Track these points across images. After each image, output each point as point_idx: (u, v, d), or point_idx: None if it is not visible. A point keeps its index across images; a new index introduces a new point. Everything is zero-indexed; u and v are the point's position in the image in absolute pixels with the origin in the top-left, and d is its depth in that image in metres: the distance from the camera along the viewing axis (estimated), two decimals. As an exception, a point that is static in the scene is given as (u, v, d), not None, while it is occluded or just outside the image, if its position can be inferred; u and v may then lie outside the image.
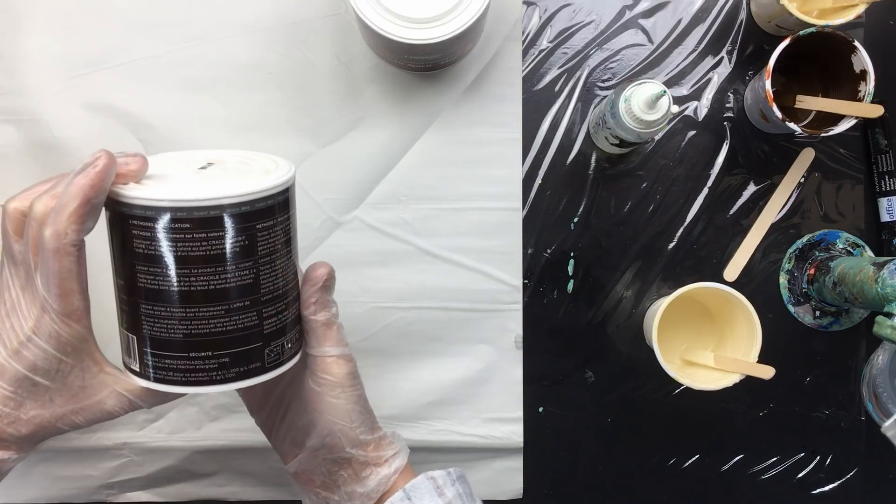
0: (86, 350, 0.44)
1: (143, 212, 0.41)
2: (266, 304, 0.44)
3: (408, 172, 0.67)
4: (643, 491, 0.70)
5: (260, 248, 0.43)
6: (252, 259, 0.43)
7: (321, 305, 0.48)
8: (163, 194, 0.41)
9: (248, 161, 0.47)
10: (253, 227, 0.42)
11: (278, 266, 0.45)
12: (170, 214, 0.41)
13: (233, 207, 0.41)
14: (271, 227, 0.43)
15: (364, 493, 0.52)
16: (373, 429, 0.52)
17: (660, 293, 0.70)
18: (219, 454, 0.68)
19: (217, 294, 0.42)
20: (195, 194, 0.41)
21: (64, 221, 0.40)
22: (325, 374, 0.50)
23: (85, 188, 0.40)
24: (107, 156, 0.41)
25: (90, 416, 0.46)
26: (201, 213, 0.41)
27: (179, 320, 0.42)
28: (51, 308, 0.42)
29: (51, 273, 0.41)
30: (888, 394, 0.60)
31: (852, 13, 0.62)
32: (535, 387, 0.69)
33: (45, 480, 0.69)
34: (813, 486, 0.71)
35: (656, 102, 0.59)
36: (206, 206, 0.41)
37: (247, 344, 0.44)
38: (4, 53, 0.66)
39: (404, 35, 0.57)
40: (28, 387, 0.44)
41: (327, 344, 0.49)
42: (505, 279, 0.68)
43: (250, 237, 0.42)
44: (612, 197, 0.70)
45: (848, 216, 0.70)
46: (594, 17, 0.69)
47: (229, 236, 0.42)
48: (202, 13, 0.66)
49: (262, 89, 0.67)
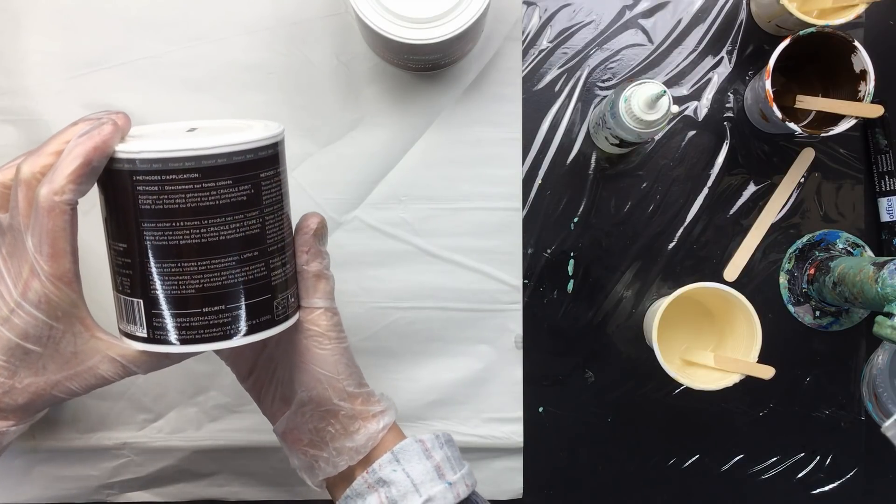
0: (76, 316, 0.44)
1: (149, 165, 0.41)
2: (272, 255, 0.45)
3: (408, 172, 0.67)
4: (643, 491, 0.70)
5: (264, 198, 0.44)
6: (258, 208, 0.43)
7: (314, 255, 0.49)
8: (169, 146, 0.41)
9: (230, 124, 0.48)
10: (257, 175, 0.43)
11: (280, 217, 0.46)
12: (179, 164, 0.41)
13: (239, 155, 0.42)
14: (272, 176, 0.44)
15: (353, 448, 0.51)
16: (360, 384, 0.53)
17: (660, 293, 0.70)
18: (219, 454, 0.69)
19: (228, 244, 0.43)
20: (202, 143, 0.41)
21: (62, 180, 0.40)
22: (313, 325, 0.50)
23: (88, 149, 0.41)
24: (113, 121, 0.42)
25: (85, 383, 0.46)
26: (209, 162, 0.41)
27: (192, 275, 0.43)
28: (41, 270, 0.42)
29: (44, 232, 0.41)
30: (888, 394, 0.60)
31: (852, 13, 0.62)
32: (535, 387, 0.69)
33: (45, 480, 0.69)
34: (813, 486, 0.71)
35: (656, 102, 0.59)
36: (213, 155, 0.41)
37: (258, 296, 0.45)
38: (4, 53, 0.66)
39: (404, 35, 0.57)
40: (20, 355, 0.44)
41: (316, 296, 0.50)
42: (505, 279, 0.68)
43: (255, 186, 0.43)
44: (612, 197, 0.70)
45: (848, 216, 0.70)
46: (594, 17, 0.69)
47: (237, 185, 0.42)
48: (202, 13, 0.66)
49: (262, 89, 0.67)
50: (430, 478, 0.51)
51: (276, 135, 0.45)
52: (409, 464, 0.51)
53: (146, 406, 0.68)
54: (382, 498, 0.50)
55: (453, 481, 0.51)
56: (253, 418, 0.67)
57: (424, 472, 0.51)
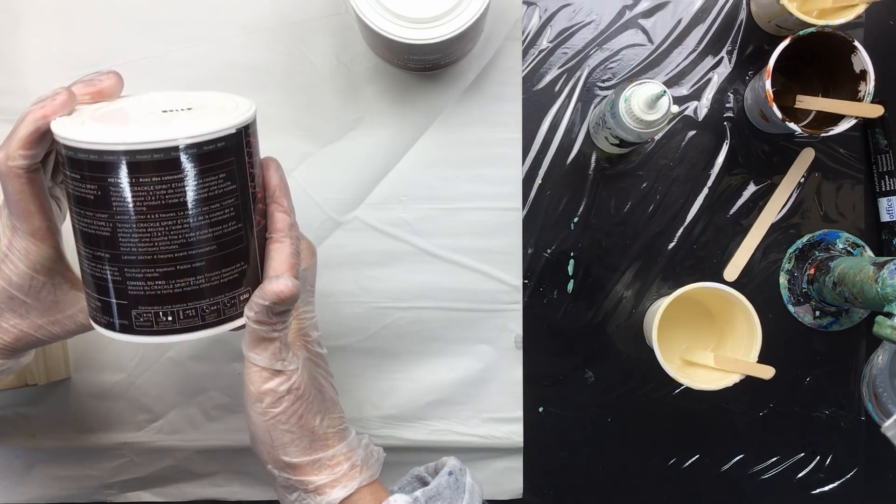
0: (56, 269, 0.46)
1: (68, 153, 0.41)
2: (127, 264, 0.43)
3: (408, 172, 0.67)
4: (643, 491, 0.70)
5: (114, 203, 0.42)
6: (108, 212, 0.42)
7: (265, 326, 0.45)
8: (89, 136, 0.40)
9: (204, 101, 0.45)
10: (109, 175, 0.41)
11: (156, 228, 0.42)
12: (86, 156, 0.40)
13: (96, 155, 0.41)
14: (116, 180, 0.41)
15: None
16: (311, 449, 0.48)
17: (660, 293, 0.70)
18: (219, 454, 0.69)
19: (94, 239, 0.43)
20: (107, 137, 0.40)
21: (13, 146, 0.43)
22: (248, 382, 0.47)
23: (37, 117, 0.42)
24: (67, 92, 0.43)
25: (65, 328, 0.48)
26: (93, 157, 0.40)
27: (90, 261, 0.43)
28: (17, 228, 0.45)
29: (8, 195, 0.44)
30: (888, 394, 0.60)
31: (852, 13, 0.62)
32: (535, 387, 0.69)
33: (45, 480, 0.69)
34: (813, 486, 0.71)
35: (656, 102, 0.59)
36: (97, 150, 0.40)
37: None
38: (4, 53, 0.66)
39: (404, 35, 0.57)
40: (5, 299, 0.46)
41: (255, 352, 0.46)
42: (505, 279, 0.68)
43: (112, 185, 0.41)
44: (612, 197, 0.70)
45: (848, 216, 0.70)
46: (594, 17, 0.69)
47: (113, 182, 0.41)
48: (202, 13, 0.66)
49: (262, 89, 0.67)
50: None
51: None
52: None
53: (146, 406, 0.68)
54: None
55: None
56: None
57: None
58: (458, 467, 0.53)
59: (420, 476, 0.55)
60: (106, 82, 0.45)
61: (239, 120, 0.43)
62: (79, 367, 0.68)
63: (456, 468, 0.53)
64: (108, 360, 0.68)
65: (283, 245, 0.45)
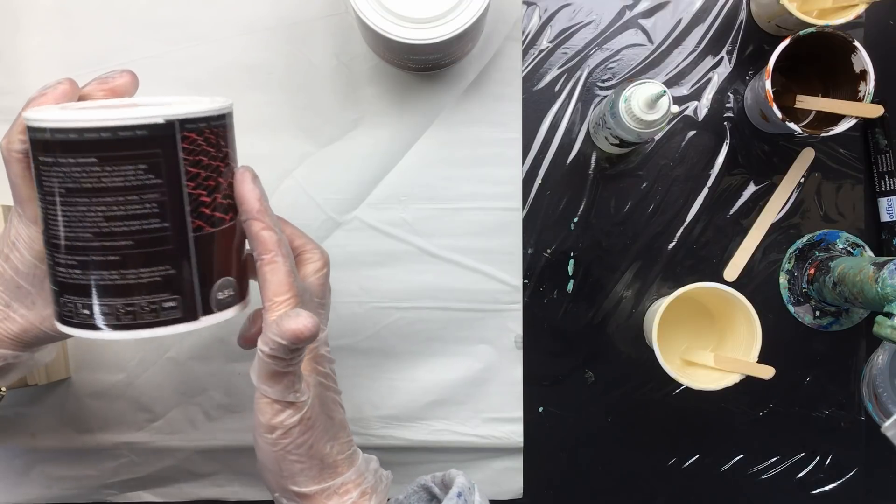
0: None
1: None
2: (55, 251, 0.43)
3: (408, 172, 0.67)
4: (643, 491, 0.70)
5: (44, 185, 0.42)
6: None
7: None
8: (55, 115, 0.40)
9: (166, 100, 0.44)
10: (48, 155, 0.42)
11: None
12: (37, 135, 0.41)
13: (41, 133, 0.41)
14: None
15: None
16: (321, 477, 0.47)
17: (660, 293, 0.70)
18: (219, 454, 0.69)
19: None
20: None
21: (14, 132, 0.43)
22: (258, 412, 0.45)
23: (37, 105, 0.43)
24: (69, 82, 0.44)
25: None
26: (36, 135, 0.41)
27: None
28: (21, 214, 0.45)
29: (11, 181, 0.45)
30: (888, 394, 0.60)
31: (852, 13, 0.62)
32: (535, 387, 0.69)
33: (45, 480, 0.69)
34: (813, 486, 0.71)
35: (656, 102, 0.59)
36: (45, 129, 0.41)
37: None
38: (4, 53, 0.66)
39: (404, 35, 0.57)
40: (13, 288, 0.47)
41: (267, 384, 0.44)
42: (505, 279, 0.68)
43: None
44: (612, 197, 0.70)
45: (848, 216, 0.70)
46: (594, 17, 0.69)
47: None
48: (202, 13, 0.66)
49: (262, 89, 0.67)
50: None
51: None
52: None
53: (146, 406, 0.68)
54: None
55: None
56: (253, 418, 0.68)
57: None
58: (467, 486, 0.51)
59: (427, 487, 0.53)
60: (119, 80, 0.45)
61: (171, 112, 0.40)
62: (79, 367, 0.68)
63: (465, 488, 0.50)
64: (108, 360, 0.68)
65: (276, 266, 0.43)
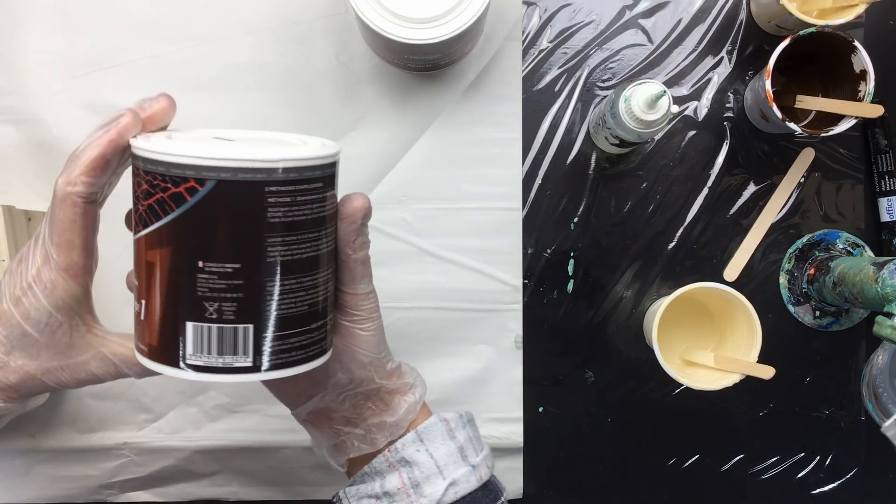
0: (78, 310, 0.44)
1: (286, 175, 0.39)
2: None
3: (408, 172, 0.67)
4: (643, 491, 0.70)
5: (332, 210, 0.43)
6: (335, 222, 0.44)
7: (362, 244, 0.46)
8: (304, 153, 0.40)
9: (252, 135, 0.45)
10: (333, 188, 0.43)
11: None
12: (310, 173, 0.40)
13: (331, 167, 0.42)
14: (334, 192, 0.43)
15: (394, 423, 0.50)
16: (392, 359, 0.51)
17: (660, 293, 0.70)
18: (219, 454, 0.68)
19: (324, 258, 0.43)
20: (326, 151, 0.41)
21: (76, 171, 0.41)
22: (357, 309, 0.48)
23: (103, 142, 0.40)
24: (131, 114, 0.41)
25: (75, 376, 0.46)
26: (329, 171, 0.41)
27: (307, 290, 0.41)
28: (52, 258, 0.42)
29: (55, 221, 0.42)
30: (888, 394, 0.60)
31: (852, 13, 0.62)
32: (535, 387, 0.69)
33: (45, 480, 0.69)
34: (813, 486, 0.71)
35: (656, 102, 0.59)
36: (330, 164, 0.41)
37: (330, 312, 0.45)
38: (4, 53, 0.66)
39: (404, 35, 0.57)
40: (18, 335, 0.44)
41: (363, 282, 0.47)
42: (505, 279, 0.68)
43: (332, 198, 0.43)
44: (612, 197, 0.70)
45: (848, 216, 0.70)
46: (594, 17, 0.69)
47: (330, 196, 0.42)
48: (202, 13, 0.66)
49: (262, 89, 0.67)
50: (453, 460, 0.50)
51: (338, 150, 0.43)
52: (433, 444, 0.50)
53: (146, 406, 0.68)
54: (404, 478, 0.49)
55: (476, 464, 0.51)
56: (253, 418, 0.68)
57: (448, 453, 0.50)
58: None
59: (445, 419, 0.54)
60: (156, 106, 0.42)
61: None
62: (79, 367, 0.68)
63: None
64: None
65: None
